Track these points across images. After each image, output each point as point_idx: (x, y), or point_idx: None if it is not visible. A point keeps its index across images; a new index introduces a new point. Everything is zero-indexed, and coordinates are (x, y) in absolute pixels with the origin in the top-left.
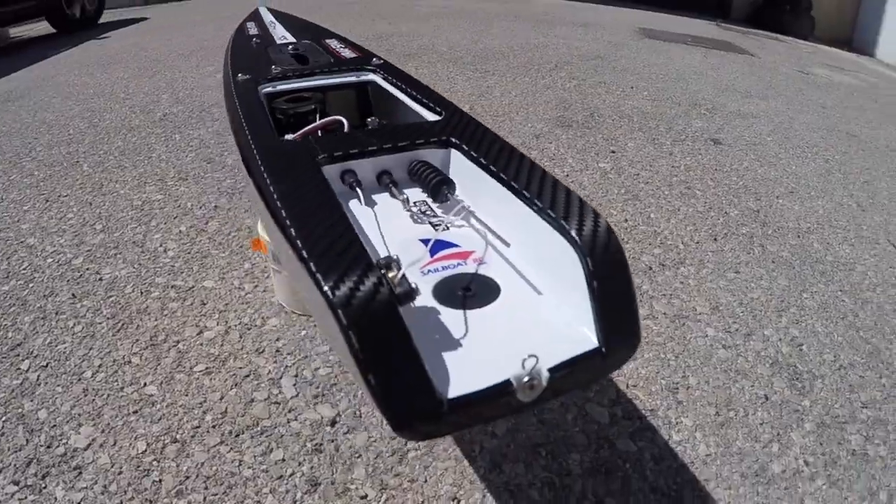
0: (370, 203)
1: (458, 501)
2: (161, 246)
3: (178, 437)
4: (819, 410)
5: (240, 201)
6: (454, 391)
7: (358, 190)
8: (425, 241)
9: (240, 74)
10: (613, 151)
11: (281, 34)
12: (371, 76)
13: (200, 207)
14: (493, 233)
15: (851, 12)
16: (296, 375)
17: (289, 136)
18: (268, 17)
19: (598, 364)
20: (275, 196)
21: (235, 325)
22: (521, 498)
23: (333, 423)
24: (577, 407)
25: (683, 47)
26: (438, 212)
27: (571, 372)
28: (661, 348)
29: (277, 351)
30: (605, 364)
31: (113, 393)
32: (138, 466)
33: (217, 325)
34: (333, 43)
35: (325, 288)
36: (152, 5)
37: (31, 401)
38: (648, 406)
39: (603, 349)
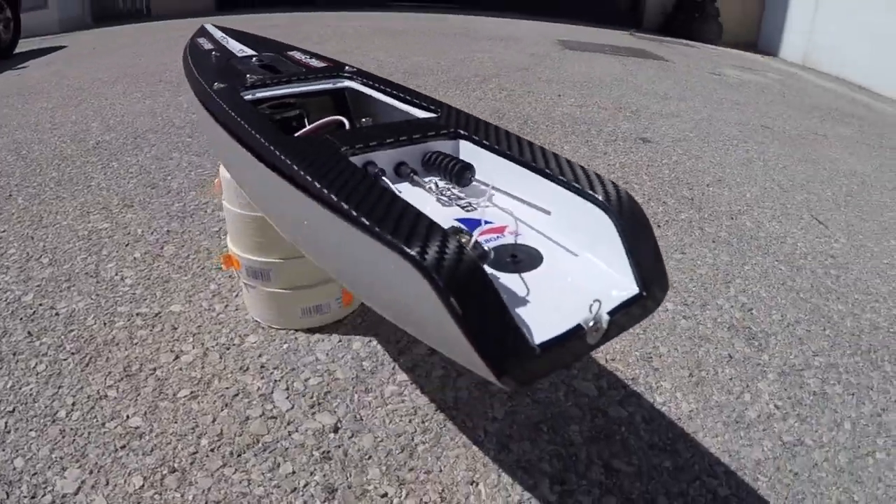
0: (398, 190)
1: (476, 484)
2: (117, 275)
3: (175, 465)
4: (777, 362)
5: (193, 224)
6: (538, 338)
7: (384, 178)
8: (461, 221)
9: (216, 84)
10: None
11: (238, 48)
12: (347, 83)
13: (152, 233)
14: (529, 204)
15: (756, 17)
16: (287, 388)
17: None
18: (217, 34)
19: (642, 306)
20: (324, 187)
21: (213, 347)
22: (534, 472)
23: (336, 429)
24: (566, 385)
25: (602, 56)
26: (463, 195)
27: (625, 314)
28: None
29: (262, 367)
30: (647, 306)
31: (94, 430)
32: (139, 503)
33: (193, 348)
34: (297, 54)
35: (414, 254)
36: (69, 33)
37: (2, 450)
38: (629, 376)
39: (644, 293)
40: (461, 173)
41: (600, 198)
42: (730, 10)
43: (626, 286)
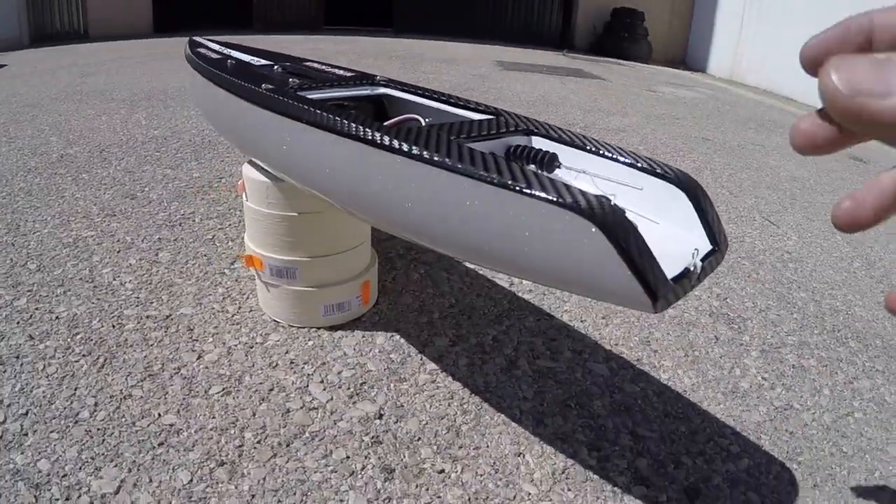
0: None
1: (523, 455)
2: (115, 279)
3: (223, 459)
4: (758, 342)
5: (183, 232)
6: (668, 274)
7: None
8: None
9: (264, 85)
10: None
11: (248, 58)
12: (384, 89)
13: (143, 240)
14: (618, 183)
15: (683, 35)
16: (322, 381)
17: None
18: (214, 46)
19: (715, 258)
20: (467, 171)
21: (236, 345)
22: (571, 441)
23: (380, 415)
24: (581, 367)
25: (541, 76)
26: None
27: (708, 263)
28: (625, 315)
29: (292, 362)
30: (718, 258)
31: (125, 429)
32: (190, 497)
33: (215, 347)
34: (315, 64)
35: (584, 209)
36: (6, 53)
37: (22, 453)
38: (634, 357)
39: (716, 248)
40: (550, 161)
41: (669, 176)
42: (658, 29)
43: (702, 244)
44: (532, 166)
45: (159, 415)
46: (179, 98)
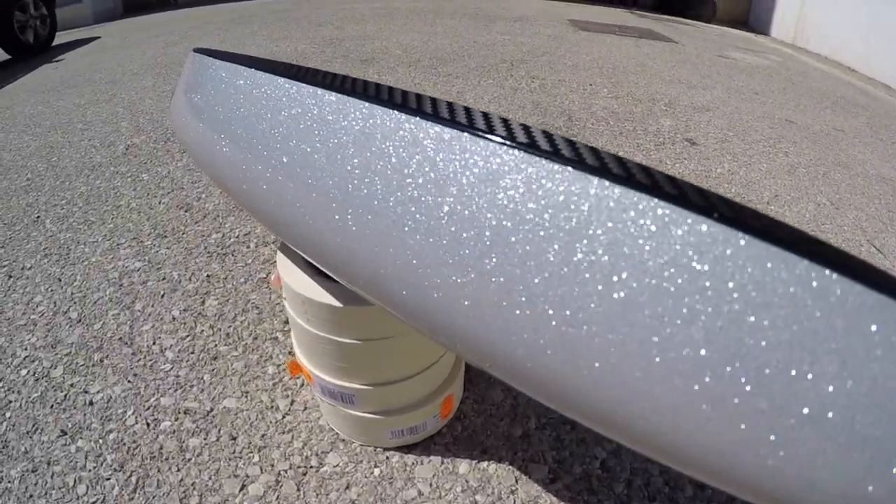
0: None
1: None
2: (155, 343)
3: None
4: None
5: (235, 266)
6: None
7: None
8: None
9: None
10: None
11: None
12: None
13: (190, 278)
14: None
15: None
16: None
17: None
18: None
19: None
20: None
21: (286, 471)
22: None
23: None
24: None
25: (614, 38)
26: None
27: None
28: None
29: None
30: None
31: None
32: None
33: (262, 472)
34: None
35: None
36: (102, 24)
37: None
38: None
39: None
40: None
41: None
42: None
43: None
44: None
45: None
46: None
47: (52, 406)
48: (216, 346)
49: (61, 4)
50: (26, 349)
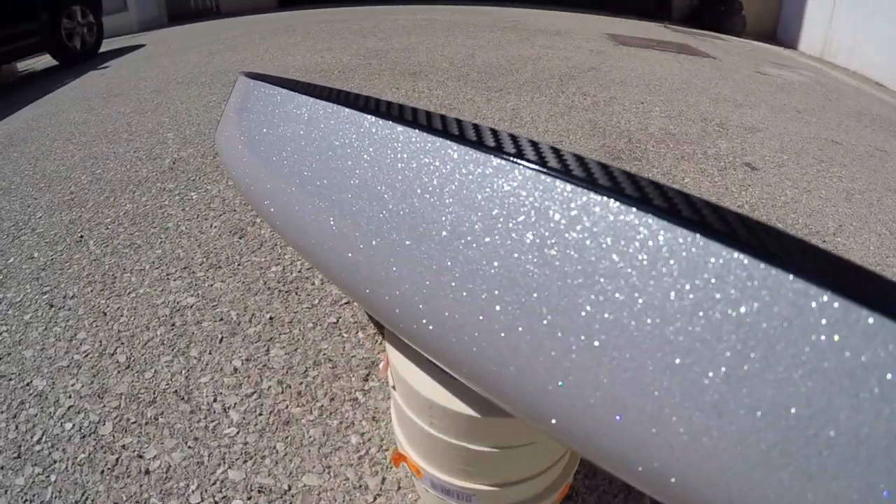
0: None
1: None
2: (216, 401)
3: None
4: None
5: (300, 306)
6: None
7: None
8: None
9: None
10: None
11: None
12: None
13: (250, 320)
14: None
15: (775, 9)
16: None
17: None
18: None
19: None
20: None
21: None
22: None
23: None
24: None
25: (654, 53)
26: None
27: None
28: None
29: None
30: None
31: None
32: None
33: None
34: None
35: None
36: (147, 32)
37: None
38: None
39: None
40: None
41: None
42: (750, 1)
43: None
44: None
45: None
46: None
47: (102, 472)
48: (287, 407)
49: (107, 12)
50: (70, 397)
